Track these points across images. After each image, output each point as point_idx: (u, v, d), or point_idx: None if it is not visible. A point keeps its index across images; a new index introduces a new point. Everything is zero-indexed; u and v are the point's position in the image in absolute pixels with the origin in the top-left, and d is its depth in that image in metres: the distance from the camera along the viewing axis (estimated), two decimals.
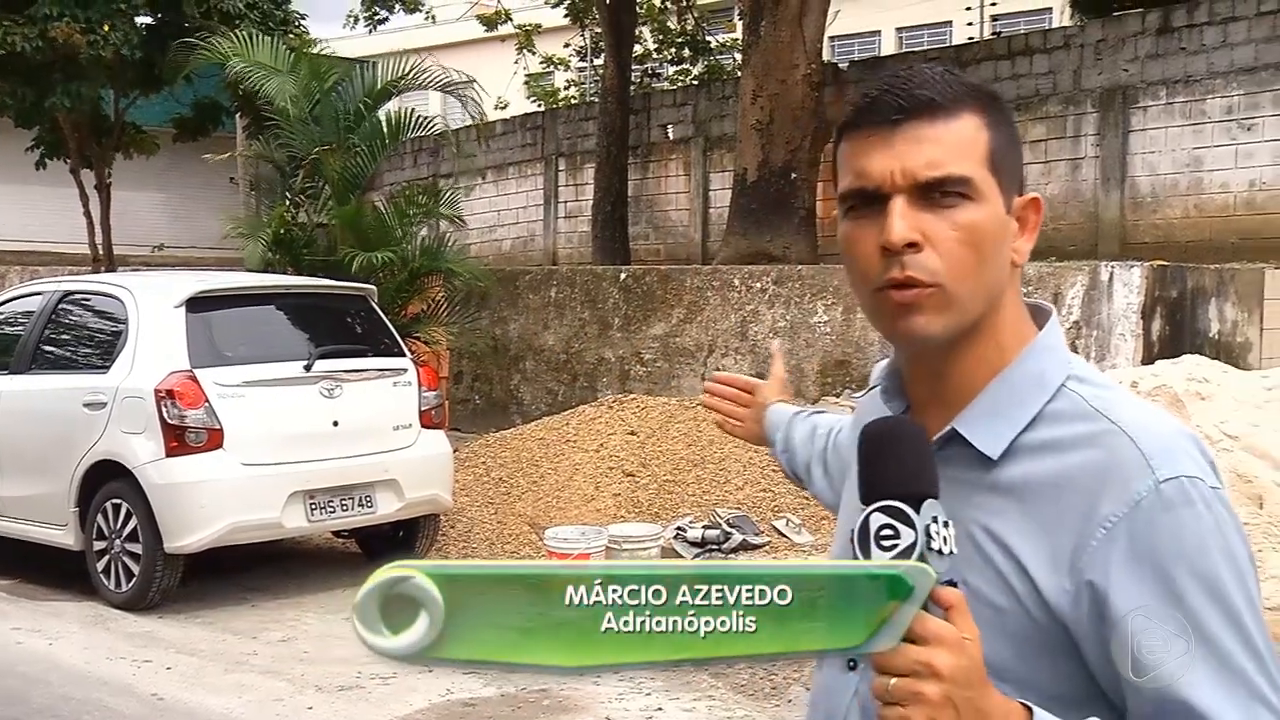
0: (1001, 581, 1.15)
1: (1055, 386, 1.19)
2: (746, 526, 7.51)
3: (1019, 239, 1.23)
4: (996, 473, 1.18)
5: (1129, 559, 1.09)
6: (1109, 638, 1.10)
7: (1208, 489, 1.11)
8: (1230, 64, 11.35)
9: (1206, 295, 8.82)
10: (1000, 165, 1.20)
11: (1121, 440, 1.13)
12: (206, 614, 6.71)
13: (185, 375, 6.64)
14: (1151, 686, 1.09)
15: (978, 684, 1.03)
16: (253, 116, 13.51)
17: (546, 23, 22.37)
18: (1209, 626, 1.08)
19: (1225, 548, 1.09)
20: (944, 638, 1.01)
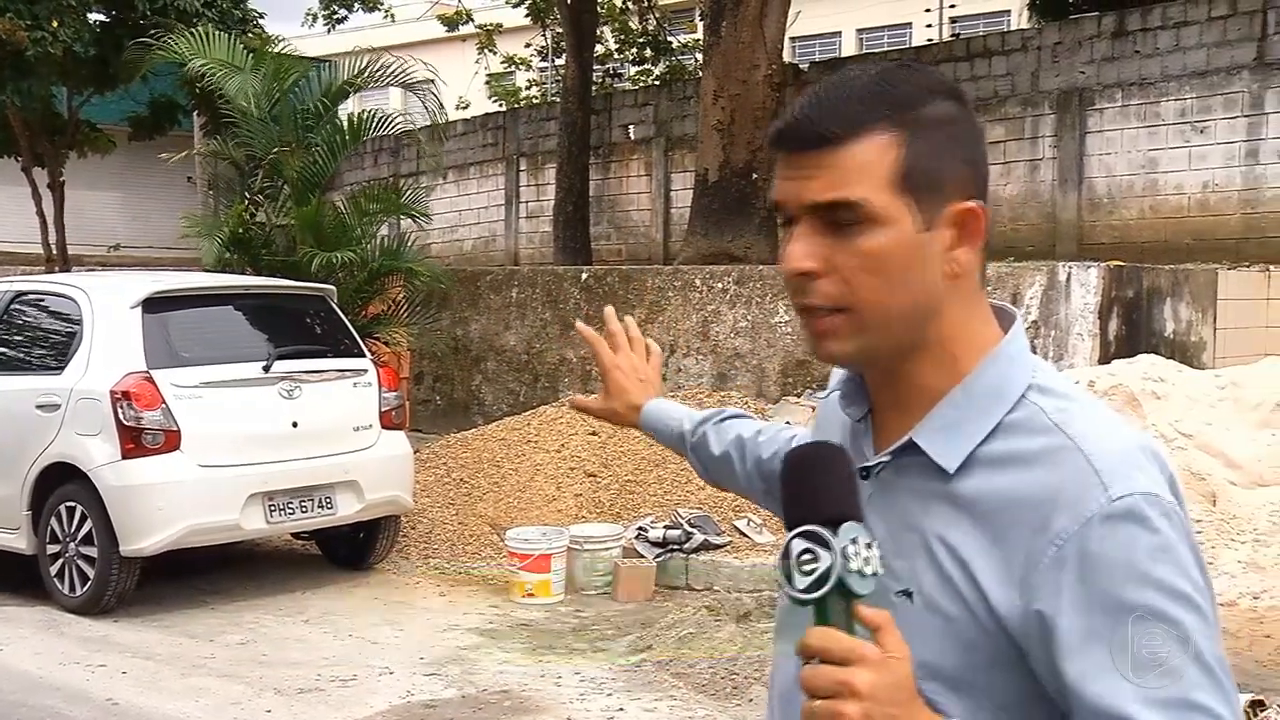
0: (954, 591, 1.15)
1: (1015, 397, 1.18)
2: (708, 526, 7.52)
3: (957, 249, 1.18)
4: (953, 484, 1.17)
5: (1078, 576, 1.09)
6: (1056, 653, 1.10)
7: (1162, 506, 1.10)
8: (1183, 67, 11.50)
9: (1162, 295, 8.93)
10: (915, 181, 1.15)
11: (1076, 456, 1.12)
12: (163, 617, 6.64)
13: (141, 376, 6.57)
14: (1093, 704, 1.08)
15: (903, 701, 1.04)
16: (210, 115, 13.35)
17: (507, 22, 22.31)
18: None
19: (1176, 565, 1.09)
20: (865, 657, 1.03)
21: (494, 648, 6.15)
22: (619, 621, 6.61)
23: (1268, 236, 10.84)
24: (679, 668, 5.66)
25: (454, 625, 6.53)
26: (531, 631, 6.44)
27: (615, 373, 1.93)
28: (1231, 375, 7.78)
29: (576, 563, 7.23)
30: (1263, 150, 10.94)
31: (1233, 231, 11.07)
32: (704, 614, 6.24)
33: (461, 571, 7.67)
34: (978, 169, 1.20)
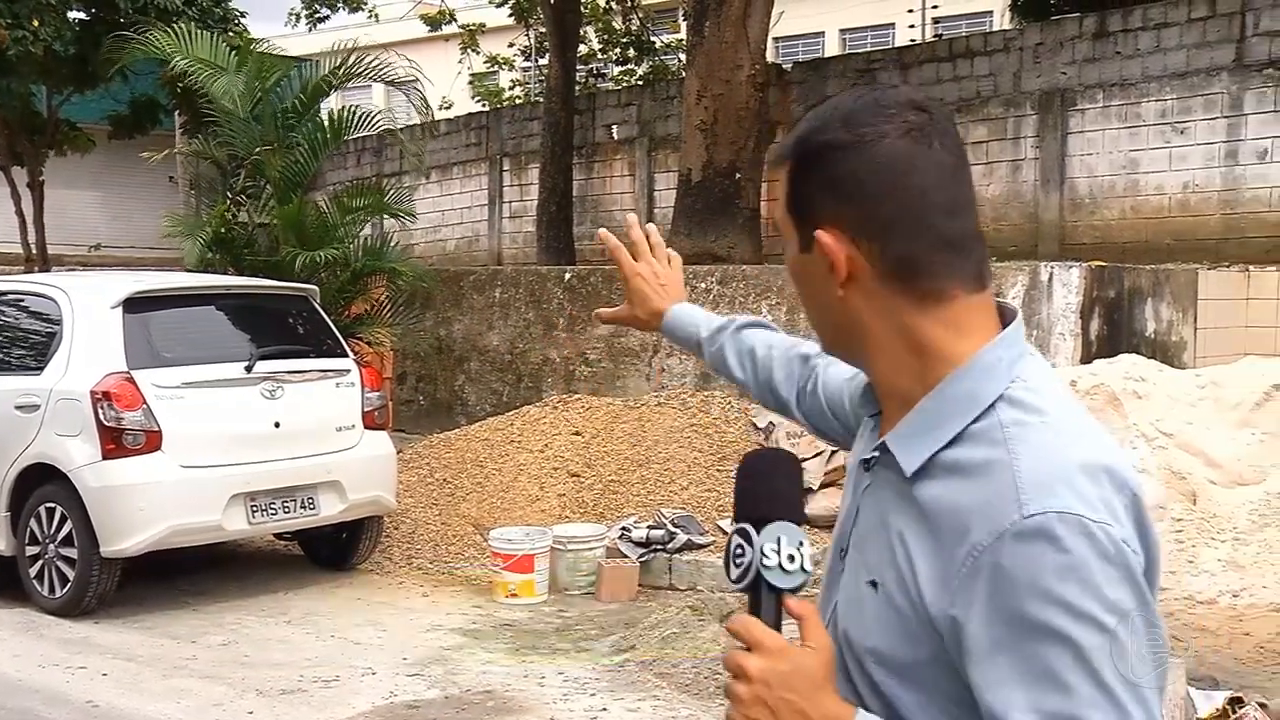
0: (903, 588, 1.20)
1: (983, 407, 1.21)
2: (691, 526, 7.53)
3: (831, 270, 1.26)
4: (914, 487, 1.22)
5: (988, 589, 1.13)
6: (966, 659, 1.14)
7: (1080, 525, 1.11)
8: (1164, 68, 11.55)
9: (1143, 295, 8.97)
10: (794, 207, 1.29)
11: (1006, 471, 1.15)
12: (144, 619, 6.61)
13: (122, 377, 6.54)
14: (988, 710, 1.13)
15: (801, 688, 1.15)
16: (191, 114, 13.30)
17: (491, 22, 22.27)
18: (1047, 661, 1.10)
19: (1082, 585, 1.10)
20: (762, 644, 1.17)
21: (477, 648, 6.14)
22: (602, 621, 6.60)
23: (1247, 237, 10.90)
24: (662, 668, 5.66)
25: (437, 625, 6.52)
26: (515, 632, 6.44)
27: (636, 279, 2.02)
28: (1211, 375, 7.81)
29: (560, 563, 7.22)
30: (1242, 151, 11.00)
31: (1213, 232, 11.13)
32: (687, 614, 6.25)
33: (445, 572, 7.66)
34: (853, 196, 1.24)
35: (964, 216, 1.26)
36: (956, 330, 1.24)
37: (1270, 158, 10.83)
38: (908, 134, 1.23)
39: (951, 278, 1.24)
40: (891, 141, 1.23)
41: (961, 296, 1.25)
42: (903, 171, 1.23)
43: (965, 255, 1.25)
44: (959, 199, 1.26)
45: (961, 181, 1.27)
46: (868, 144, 1.23)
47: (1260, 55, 10.98)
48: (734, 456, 8.43)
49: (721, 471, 8.28)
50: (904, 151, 1.23)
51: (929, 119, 1.25)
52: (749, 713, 1.17)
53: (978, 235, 1.28)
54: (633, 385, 10.14)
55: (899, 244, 1.23)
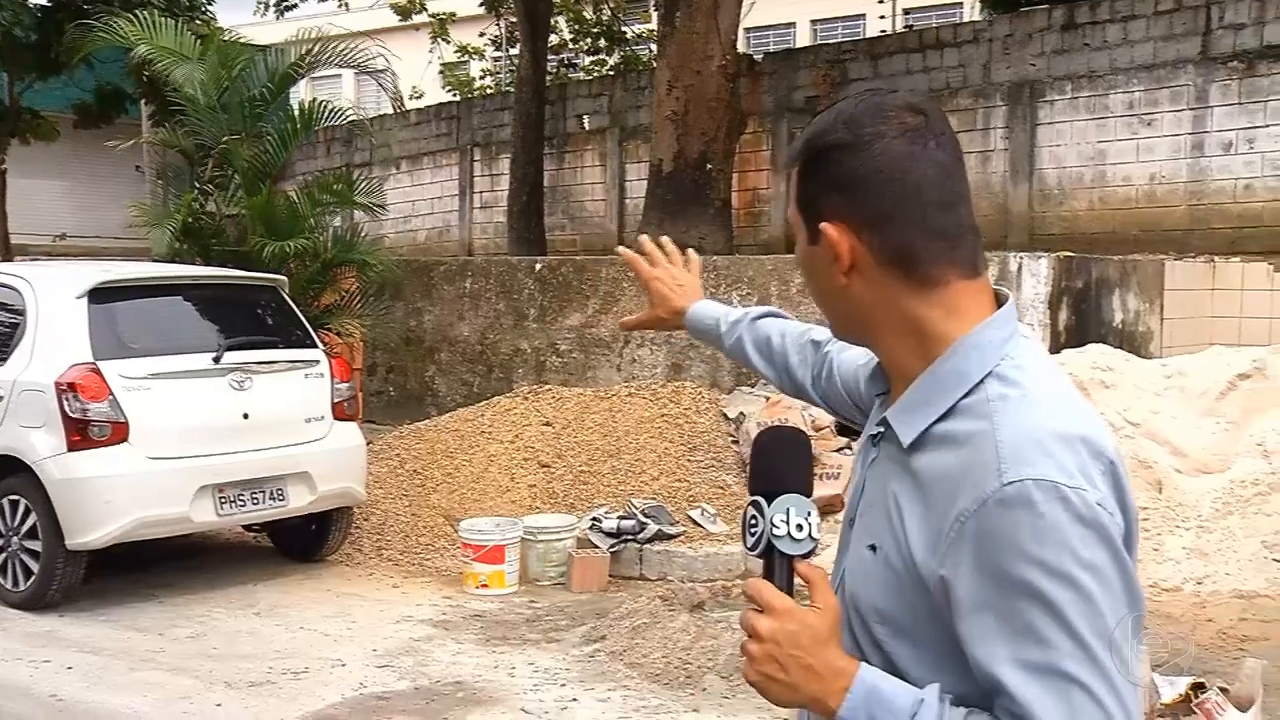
0: (899, 552, 1.31)
1: (973, 382, 1.31)
2: (662, 516, 7.53)
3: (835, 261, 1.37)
4: (910, 457, 1.34)
5: (973, 551, 1.23)
6: (954, 615, 1.25)
7: (1057, 491, 1.20)
8: (1131, 61, 11.63)
9: (1110, 286, 9.04)
10: (803, 203, 1.41)
11: (989, 441, 1.25)
12: (111, 611, 6.56)
13: (88, 368, 6.47)
14: (980, 667, 1.23)
15: (808, 645, 1.29)
16: (158, 103, 13.16)
17: (461, 11, 22.17)
18: (1027, 617, 1.20)
19: (1060, 546, 1.19)
20: (771, 605, 1.31)
21: (447, 639, 6.13)
22: (573, 612, 6.60)
23: (1212, 228, 11.00)
24: (633, 657, 5.65)
25: (407, 617, 6.50)
26: (485, 622, 6.43)
27: (655, 283, 2.18)
28: (1177, 364, 7.89)
29: (530, 553, 7.22)
30: (1207, 143, 11.10)
31: (1179, 223, 11.23)
32: (658, 604, 6.24)
33: (415, 563, 7.64)
34: (853, 190, 1.36)
35: (958, 209, 1.37)
36: (952, 313, 1.36)
37: (1235, 150, 10.94)
38: (904, 134, 1.35)
39: (946, 265, 1.35)
40: (889, 141, 1.34)
41: (956, 282, 1.36)
42: (900, 169, 1.34)
43: (959, 244, 1.36)
44: (953, 193, 1.37)
45: (956, 177, 1.38)
46: (867, 144, 1.35)
47: (1225, 48, 11.08)
48: (704, 447, 8.44)
49: (692, 462, 8.29)
50: (901, 150, 1.34)
51: (925, 120, 1.36)
52: (761, 668, 1.30)
53: (972, 226, 1.39)
54: (603, 376, 10.13)
55: (896, 234, 1.35)
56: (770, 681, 1.31)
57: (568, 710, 5.12)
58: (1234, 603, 6.51)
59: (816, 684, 1.29)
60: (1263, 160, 10.77)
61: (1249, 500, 7.00)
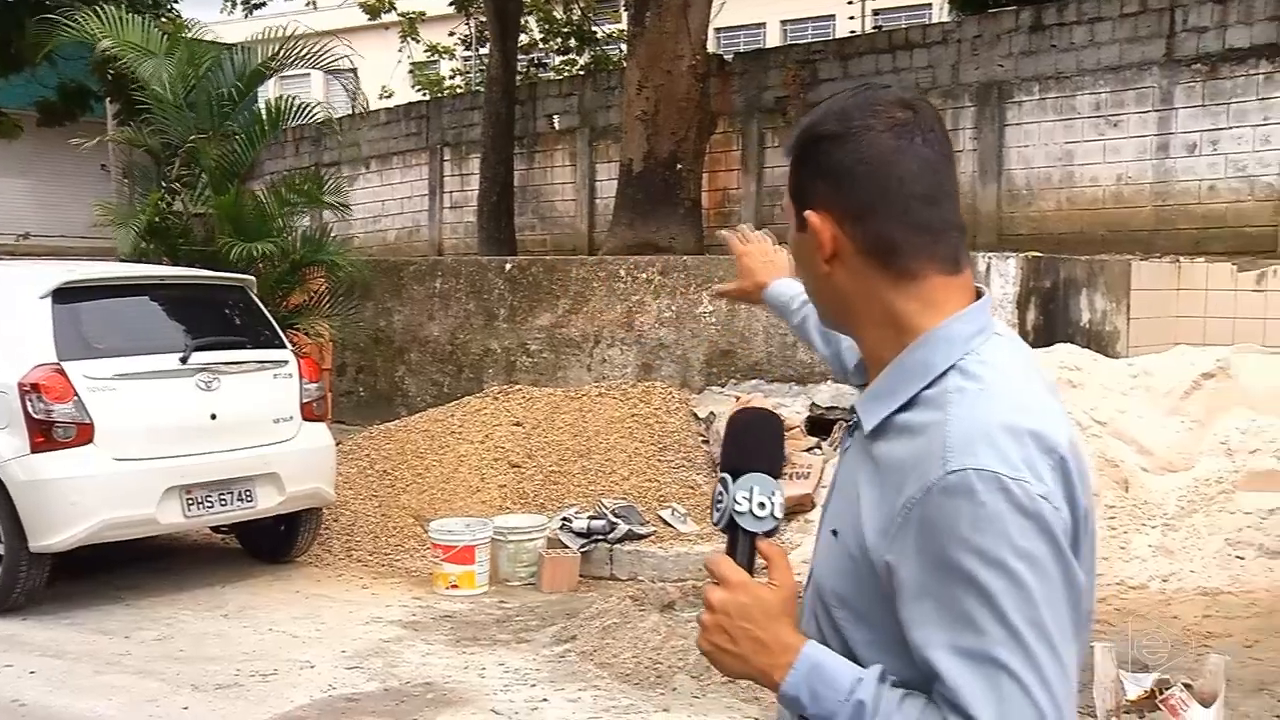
0: (855, 537, 1.34)
1: (936, 374, 1.34)
2: (632, 516, 7.54)
3: (819, 249, 1.41)
4: (872, 445, 1.37)
5: (916, 537, 1.25)
6: (897, 600, 1.27)
7: (998, 481, 1.22)
8: (1097, 62, 11.73)
9: (1078, 286, 9.11)
10: (794, 193, 1.44)
11: (939, 432, 1.27)
12: (76, 614, 6.50)
13: (52, 368, 6.41)
14: (917, 650, 1.25)
15: (758, 619, 1.34)
16: (124, 101, 13.03)
17: (431, 10, 22.10)
18: (963, 604, 1.22)
19: (997, 535, 1.21)
20: (726, 578, 1.37)
21: (417, 640, 6.11)
22: (543, 612, 6.60)
23: (1178, 229, 11.11)
24: (603, 657, 5.65)
25: (377, 618, 6.48)
26: (455, 623, 6.41)
27: (744, 258, 2.33)
28: (1144, 364, 7.96)
29: (501, 554, 7.21)
30: (1172, 144, 11.20)
31: (1145, 223, 11.33)
32: (628, 604, 6.25)
33: (384, 564, 7.61)
34: (839, 182, 1.38)
35: (943, 205, 1.39)
36: (928, 306, 1.38)
37: (1199, 151, 11.05)
38: (892, 129, 1.37)
39: (926, 259, 1.37)
40: (876, 135, 1.37)
41: (935, 277, 1.38)
42: (884, 162, 1.37)
43: (941, 240, 1.38)
44: (939, 189, 1.38)
45: (942, 174, 1.39)
46: (854, 136, 1.38)
47: (1189, 50, 11.19)
48: (674, 447, 8.45)
49: (662, 461, 8.30)
50: (887, 144, 1.37)
51: (914, 116, 1.38)
52: (712, 638, 1.36)
53: (956, 224, 1.40)
54: (574, 376, 10.12)
55: (877, 226, 1.37)
56: (719, 651, 1.36)
57: (538, 710, 5.11)
58: (1198, 599, 6.58)
59: (764, 657, 1.33)
60: (1226, 162, 10.89)
61: (1213, 498, 7.08)
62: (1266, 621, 6.25)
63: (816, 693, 1.30)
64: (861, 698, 1.27)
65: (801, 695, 1.31)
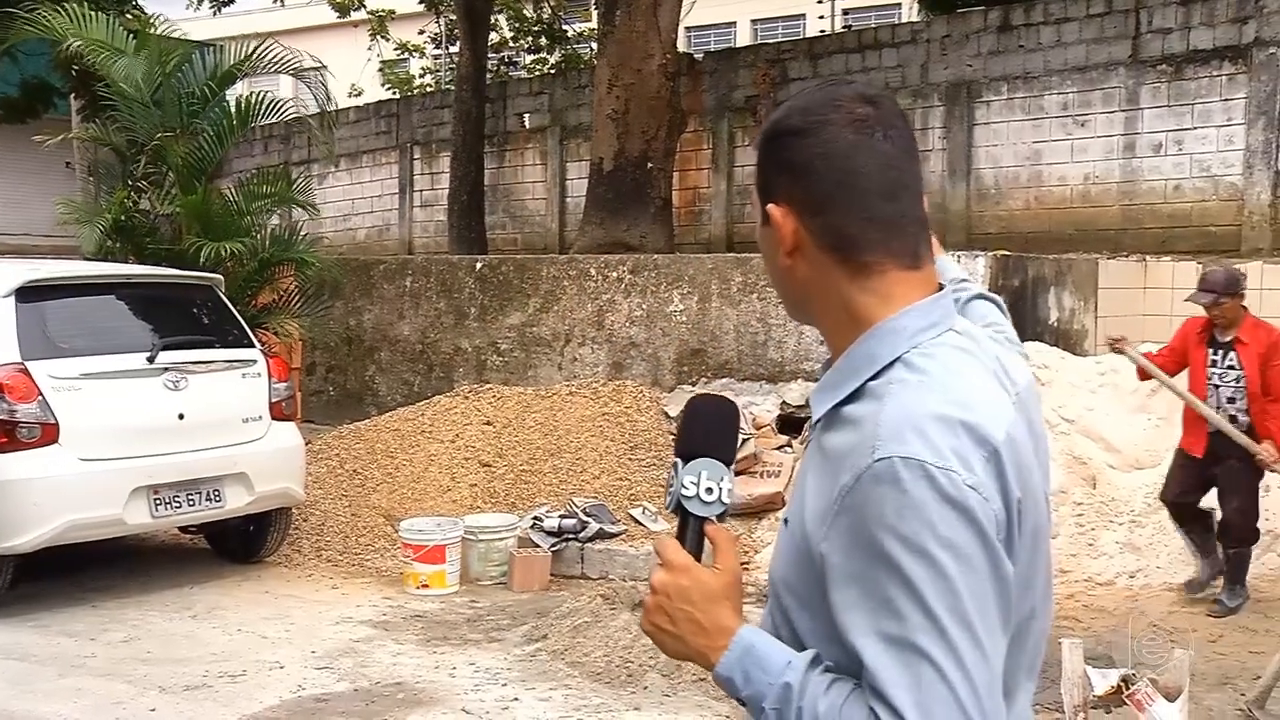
0: (800, 525, 1.35)
1: (879, 366, 1.35)
2: (603, 515, 7.54)
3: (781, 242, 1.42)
4: (819, 435, 1.39)
5: (846, 524, 1.27)
6: (828, 585, 1.29)
7: (923, 469, 1.23)
8: (1065, 62, 11.83)
9: (1046, 284, 9.18)
10: (760, 186, 1.46)
11: (872, 421, 1.29)
12: (40, 616, 6.43)
13: (15, 368, 6.34)
14: (843, 636, 1.27)
15: (698, 601, 1.37)
16: (88, 98, 12.91)
17: (401, 8, 22.02)
18: (886, 589, 1.23)
19: (920, 522, 1.22)
20: (670, 561, 1.39)
21: (387, 640, 6.09)
22: (514, 611, 6.59)
23: (1144, 228, 11.22)
24: (574, 656, 5.66)
25: (347, 618, 6.45)
26: (426, 623, 6.40)
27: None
28: (1111, 362, 8.02)
29: (471, 553, 7.19)
30: (1138, 144, 11.31)
31: (1112, 222, 11.44)
32: (599, 603, 6.25)
33: (355, 564, 7.59)
34: (801, 176, 1.39)
35: (903, 200, 1.39)
36: (884, 300, 1.38)
37: (1164, 151, 11.16)
38: (852, 124, 1.37)
39: (884, 253, 1.38)
40: (837, 129, 1.37)
41: (893, 271, 1.38)
42: (844, 156, 1.38)
43: (900, 235, 1.38)
44: (899, 184, 1.39)
45: (902, 169, 1.39)
46: (815, 130, 1.39)
47: (1154, 52, 11.30)
48: (645, 445, 8.46)
49: (633, 460, 8.30)
50: (847, 139, 1.37)
51: (875, 111, 1.39)
52: (651, 618, 1.39)
53: (918, 219, 1.41)
54: (544, 374, 10.11)
55: (836, 219, 1.38)
56: (659, 631, 1.38)
57: (509, 710, 5.10)
58: (1165, 595, 6.65)
59: (702, 639, 1.36)
60: (1191, 162, 11.01)
61: None
62: (1231, 616, 6.34)
63: (749, 674, 1.33)
64: (788, 680, 1.29)
65: (735, 676, 1.34)
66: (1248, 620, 6.30)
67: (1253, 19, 10.78)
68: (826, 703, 1.27)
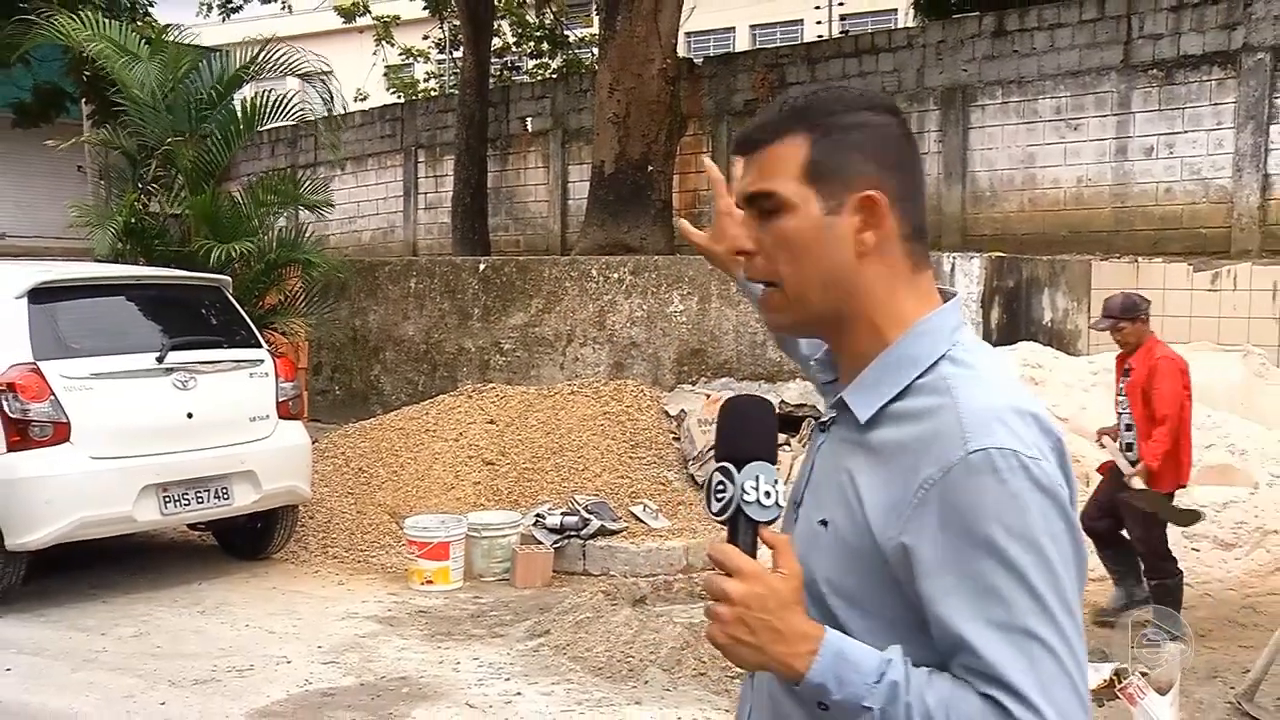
0: (853, 523, 1.35)
1: (927, 364, 1.37)
2: (604, 513, 7.62)
3: (864, 232, 1.38)
4: (866, 434, 1.38)
5: (938, 516, 1.28)
6: (917, 578, 1.29)
7: (1017, 459, 1.26)
8: (1058, 67, 11.93)
9: (1040, 285, 9.28)
10: (821, 174, 1.39)
11: (950, 414, 1.30)
12: (52, 612, 6.53)
13: (28, 368, 6.45)
14: (942, 625, 1.28)
15: (775, 609, 1.30)
16: (99, 103, 13.03)
17: (405, 14, 22.13)
18: (990, 578, 1.25)
19: (1019, 511, 1.26)
20: (741, 569, 1.32)
21: (393, 635, 6.16)
22: (517, 607, 6.66)
23: (1135, 230, 11.32)
24: (576, 651, 5.71)
25: (352, 613, 6.53)
26: (430, 618, 6.47)
27: (726, 219, 2.02)
28: (1104, 361, 8.10)
29: (475, 550, 7.28)
30: (1130, 147, 11.42)
31: (1105, 224, 11.54)
32: (600, 599, 6.34)
33: (360, 560, 7.66)
34: (886, 165, 1.40)
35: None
36: (923, 299, 1.42)
37: (1156, 155, 11.27)
38: (904, 123, 1.45)
39: (925, 252, 1.44)
40: (903, 125, 1.44)
41: (926, 269, 1.44)
42: (915, 151, 1.45)
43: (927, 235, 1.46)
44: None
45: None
46: (894, 123, 1.43)
47: (1145, 56, 11.40)
48: (646, 444, 8.56)
49: (634, 458, 8.39)
50: (910, 135, 1.44)
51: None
52: (731, 631, 1.32)
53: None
54: (547, 374, 10.22)
55: (917, 213, 1.42)
56: (738, 644, 1.32)
57: (512, 704, 5.16)
58: None
59: (783, 646, 1.31)
60: (1182, 165, 11.11)
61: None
62: (1220, 611, 6.41)
63: (843, 678, 1.29)
64: (894, 678, 1.28)
65: (828, 682, 1.29)
66: (1237, 615, 6.38)
67: (1241, 25, 10.89)
68: (935, 695, 1.26)
